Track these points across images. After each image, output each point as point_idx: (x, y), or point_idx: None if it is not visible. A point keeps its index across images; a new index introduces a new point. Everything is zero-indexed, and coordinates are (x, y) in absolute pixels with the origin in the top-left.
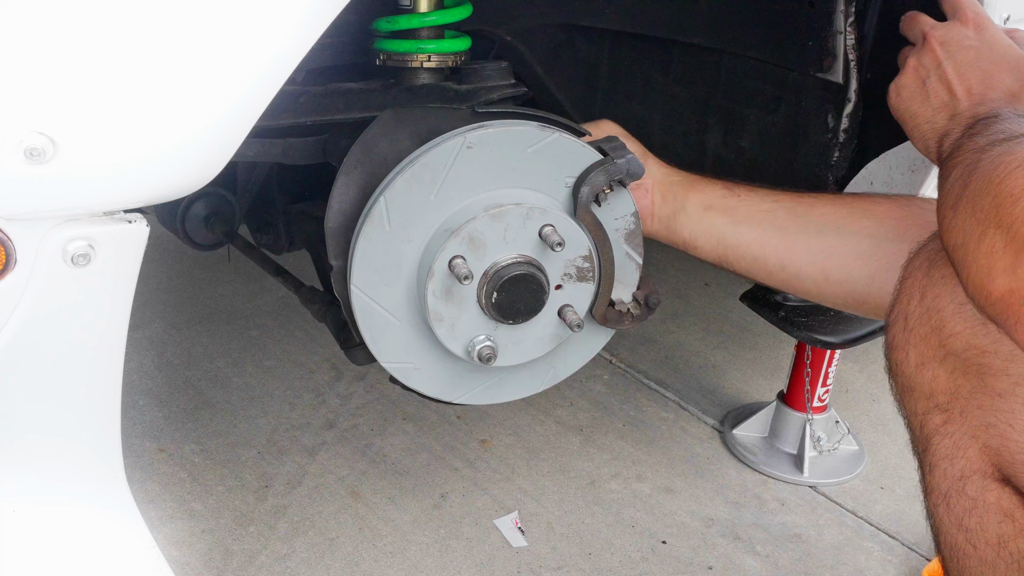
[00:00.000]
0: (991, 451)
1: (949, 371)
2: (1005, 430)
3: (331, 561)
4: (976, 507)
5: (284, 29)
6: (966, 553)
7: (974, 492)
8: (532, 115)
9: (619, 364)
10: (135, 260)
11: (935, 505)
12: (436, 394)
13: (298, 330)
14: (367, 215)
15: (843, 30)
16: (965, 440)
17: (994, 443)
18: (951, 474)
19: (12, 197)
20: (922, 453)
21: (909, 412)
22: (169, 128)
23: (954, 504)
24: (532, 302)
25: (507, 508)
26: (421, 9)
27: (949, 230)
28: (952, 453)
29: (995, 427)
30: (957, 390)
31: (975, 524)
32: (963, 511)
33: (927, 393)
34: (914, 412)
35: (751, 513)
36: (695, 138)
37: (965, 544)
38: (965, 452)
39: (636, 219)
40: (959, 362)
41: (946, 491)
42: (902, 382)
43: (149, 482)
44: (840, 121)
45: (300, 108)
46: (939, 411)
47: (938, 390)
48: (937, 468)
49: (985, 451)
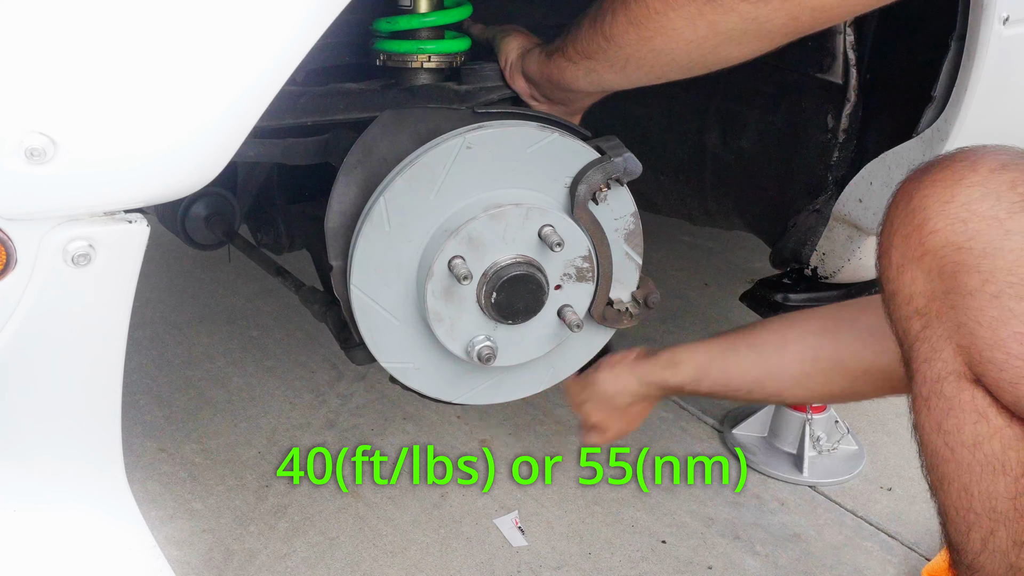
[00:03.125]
0: (963, 350)
1: (926, 272)
2: (974, 328)
3: (331, 561)
4: (953, 408)
5: (284, 29)
6: (945, 458)
7: (950, 392)
8: (531, 115)
9: None
10: (135, 260)
11: (917, 412)
12: (436, 394)
13: (298, 330)
14: (367, 215)
15: (842, 30)
16: (941, 342)
17: (965, 342)
18: (929, 377)
19: (12, 197)
20: (907, 363)
21: (894, 320)
22: (169, 128)
23: (933, 407)
24: (531, 302)
25: (507, 508)
26: (421, 10)
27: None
28: (929, 356)
29: (965, 326)
30: (933, 292)
31: (952, 426)
32: (941, 414)
33: (907, 297)
34: (898, 319)
35: (751, 513)
36: (695, 138)
37: (944, 448)
38: (941, 354)
39: (636, 219)
40: (935, 261)
41: (926, 395)
42: (887, 289)
43: (149, 482)
44: (840, 121)
45: (300, 108)
46: (918, 316)
47: (916, 293)
48: (918, 373)
49: (958, 351)
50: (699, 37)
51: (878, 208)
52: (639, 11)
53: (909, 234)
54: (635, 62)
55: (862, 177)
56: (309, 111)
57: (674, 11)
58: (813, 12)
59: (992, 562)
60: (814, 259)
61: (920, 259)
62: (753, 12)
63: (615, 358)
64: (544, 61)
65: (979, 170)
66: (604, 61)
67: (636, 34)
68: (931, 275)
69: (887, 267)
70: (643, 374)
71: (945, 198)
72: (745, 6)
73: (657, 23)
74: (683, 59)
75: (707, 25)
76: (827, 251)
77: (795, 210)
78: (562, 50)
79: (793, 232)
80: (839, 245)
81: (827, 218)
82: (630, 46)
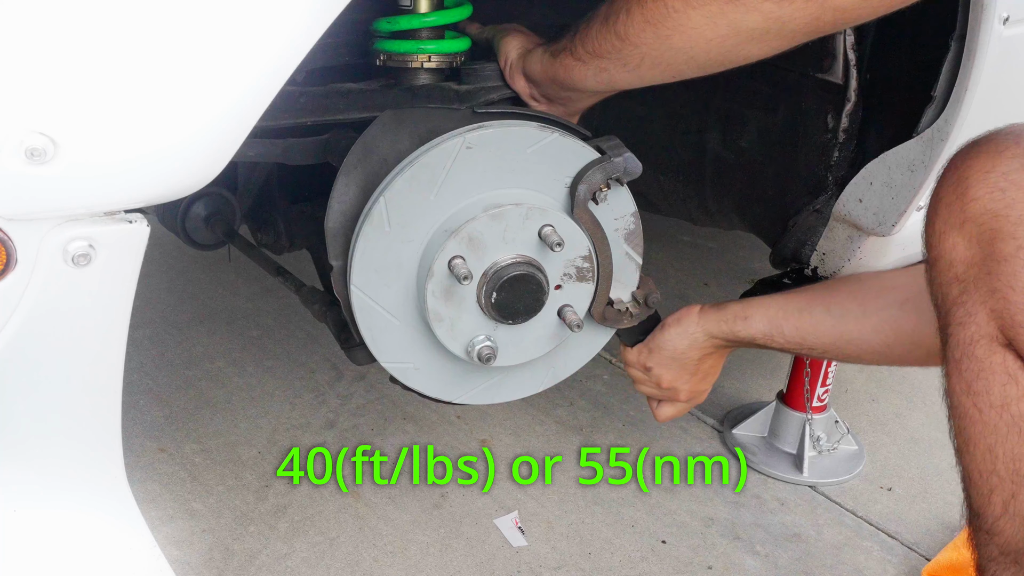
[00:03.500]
0: (996, 315)
1: (966, 238)
2: (1007, 293)
3: (331, 561)
4: (983, 370)
5: (285, 29)
6: (972, 419)
7: (982, 354)
8: (531, 115)
9: (619, 364)
10: (136, 260)
11: (948, 375)
12: (436, 394)
13: (298, 330)
14: (367, 215)
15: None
16: (976, 306)
17: (998, 307)
18: (962, 340)
19: (13, 197)
20: (942, 329)
21: (934, 286)
22: (169, 128)
23: (964, 369)
24: (532, 302)
25: (507, 508)
26: (421, 10)
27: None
28: (964, 320)
29: (999, 291)
30: (972, 259)
31: (981, 387)
32: (971, 375)
33: (948, 263)
34: (938, 285)
35: (751, 513)
36: (695, 138)
37: (972, 409)
38: (975, 318)
39: (636, 219)
40: (975, 228)
41: (958, 358)
42: (930, 256)
43: (149, 482)
44: (840, 121)
45: (300, 108)
46: (957, 281)
47: (957, 259)
48: (952, 337)
49: (992, 315)
50: (719, 36)
51: (878, 208)
52: (657, 10)
53: (952, 202)
54: (651, 61)
55: (862, 177)
56: (309, 111)
57: (694, 9)
58: (835, 12)
59: (1012, 526)
60: (814, 259)
61: (961, 226)
62: (776, 11)
63: (678, 314)
64: (549, 61)
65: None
66: (617, 60)
67: (653, 33)
68: (970, 242)
69: (931, 234)
70: (711, 326)
71: (986, 168)
72: (768, 5)
73: (676, 22)
74: (702, 57)
75: (728, 24)
76: (827, 251)
77: (795, 210)
78: (570, 49)
79: (793, 232)
80: (839, 245)
81: (827, 218)
82: (646, 45)
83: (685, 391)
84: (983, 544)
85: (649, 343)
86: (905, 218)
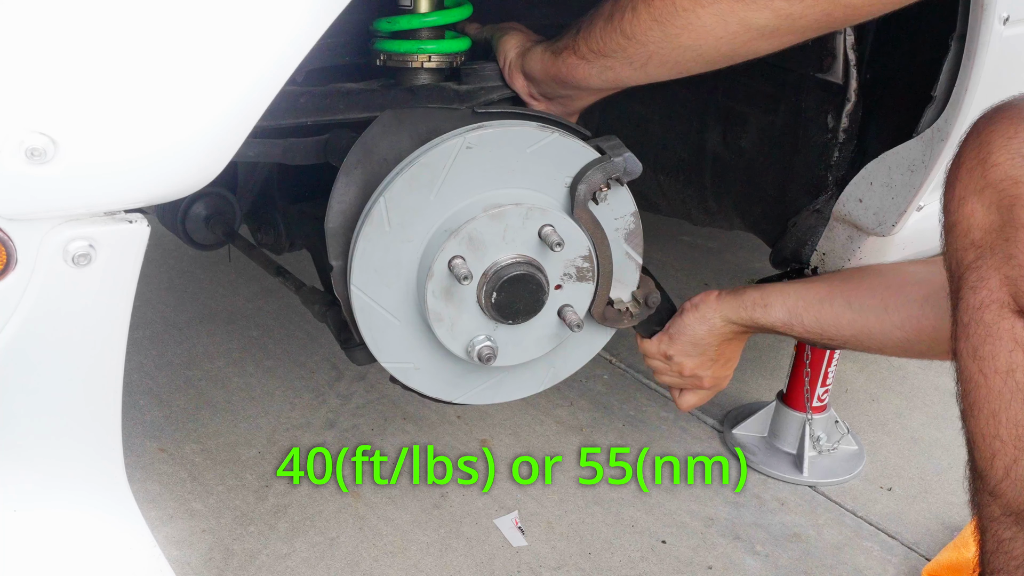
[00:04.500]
0: (1009, 281)
1: (986, 205)
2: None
3: (331, 561)
4: (990, 334)
5: (285, 29)
6: (977, 384)
7: (990, 319)
8: (531, 115)
9: (619, 364)
10: (136, 260)
11: (957, 339)
12: (436, 394)
13: (298, 330)
14: (367, 215)
15: (843, 30)
16: (989, 272)
17: (1012, 273)
18: (972, 304)
19: (13, 197)
20: (953, 293)
21: (949, 252)
22: (170, 128)
23: (972, 333)
24: (532, 302)
25: (507, 508)
26: (421, 10)
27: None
28: (976, 284)
29: (1015, 258)
30: (991, 224)
31: (988, 352)
32: (979, 339)
33: (966, 229)
34: (954, 250)
35: (751, 513)
36: (695, 138)
37: (977, 374)
38: (987, 283)
39: (636, 219)
40: (995, 194)
41: (967, 322)
42: (947, 221)
43: (149, 482)
44: (840, 121)
45: (301, 108)
46: (973, 247)
47: (975, 225)
48: (962, 301)
49: (1005, 281)
50: (729, 33)
51: (878, 208)
52: (665, 8)
53: (973, 167)
54: (659, 59)
55: (862, 177)
56: (309, 111)
57: (703, 8)
58: (846, 9)
59: (1013, 489)
60: (814, 259)
61: (981, 191)
62: (787, 8)
63: (695, 300)
64: (550, 59)
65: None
66: (623, 59)
67: (661, 31)
68: (990, 207)
69: (950, 200)
70: (730, 312)
71: (1009, 134)
72: (779, 3)
73: (685, 20)
74: (710, 54)
75: (739, 22)
76: (827, 251)
77: (795, 210)
78: (572, 48)
79: (793, 232)
80: (839, 245)
81: (827, 218)
82: (653, 43)
83: (708, 377)
84: (985, 504)
85: (668, 330)
86: (905, 218)
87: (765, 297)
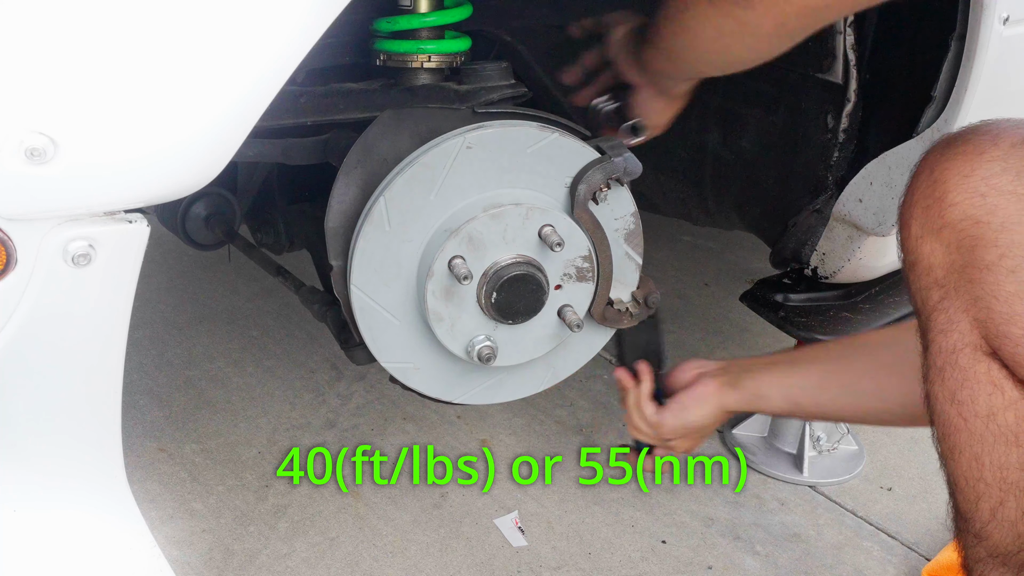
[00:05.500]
0: (979, 324)
1: (945, 244)
2: (991, 302)
3: (331, 560)
4: (968, 379)
5: (285, 29)
6: (957, 428)
7: (965, 364)
8: (531, 115)
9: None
10: (136, 260)
11: (931, 382)
12: (436, 394)
13: (298, 330)
14: (367, 215)
15: (842, 30)
16: (958, 314)
17: (982, 316)
18: (945, 348)
19: (13, 197)
20: (923, 334)
21: (914, 290)
22: (169, 128)
23: (947, 377)
24: (532, 302)
25: (507, 508)
26: (421, 9)
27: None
28: (946, 327)
29: (982, 300)
30: (952, 264)
31: (966, 396)
32: (955, 384)
33: (927, 268)
34: (917, 289)
35: (751, 513)
36: (695, 138)
37: (957, 418)
38: (958, 325)
39: (636, 219)
40: (954, 234)
41: (940, 365)
42: (907, 259)
43: (149, 482)
44: (840, 121)
45: (301, 108)
46: (937, 287)
47: (936, 264)
48: (933, 344)
49: (975, 324)
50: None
51: (878, 208)
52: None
53: (929, 206)
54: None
55: (862, 177)
56: (309, 111)
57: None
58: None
59: (1000, 531)
60: (814, 259)
61: (939, 231)
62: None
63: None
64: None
65: (1000, 144)
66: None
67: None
68: (950, 248)
69: (907, 237)
70: (730, 404)
71: (965, 172)
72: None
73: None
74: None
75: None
76: (827, 251)
77: (795, 210)
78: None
79: (793, 232)
80: (839, 245)
81: (827, 218)
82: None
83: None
84: (971, 545)
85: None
86: None
87: (761, 387)
